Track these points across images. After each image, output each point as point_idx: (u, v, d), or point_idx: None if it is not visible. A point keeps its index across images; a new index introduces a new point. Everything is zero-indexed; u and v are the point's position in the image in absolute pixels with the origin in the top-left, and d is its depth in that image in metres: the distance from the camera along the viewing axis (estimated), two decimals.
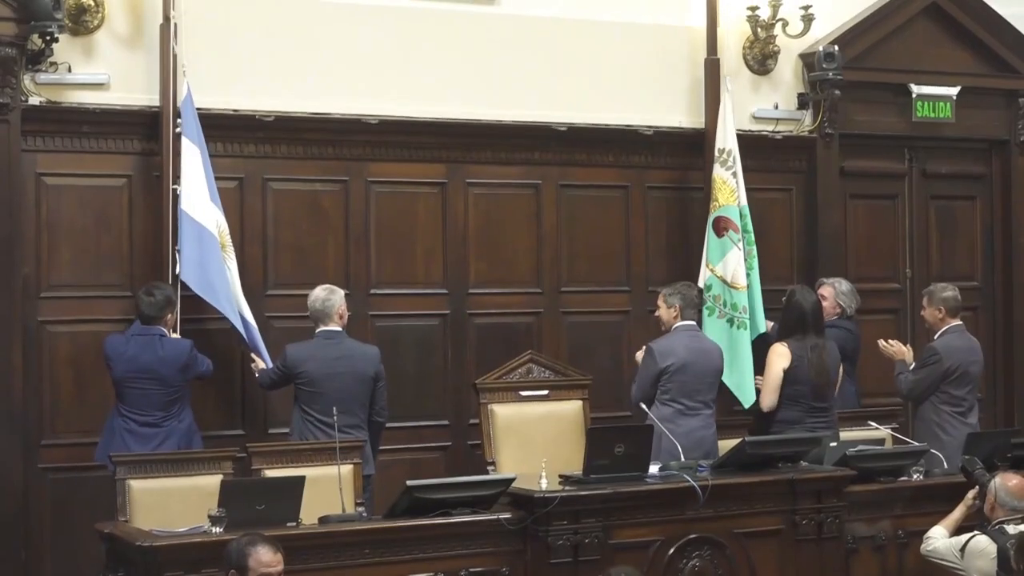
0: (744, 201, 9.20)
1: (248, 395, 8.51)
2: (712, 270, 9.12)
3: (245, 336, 7.99)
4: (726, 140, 9.21)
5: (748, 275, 9.11)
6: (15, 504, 7.89)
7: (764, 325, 9.14)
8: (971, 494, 6.92)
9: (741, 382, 8.95)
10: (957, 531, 6.90)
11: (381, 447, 8.13)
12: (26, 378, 7.99)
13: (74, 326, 8.17)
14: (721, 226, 9.12)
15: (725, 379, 8.64)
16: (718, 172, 9.18)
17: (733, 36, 9.39)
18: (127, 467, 6.87)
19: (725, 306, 9.06)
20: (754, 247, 9.23)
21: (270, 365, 7.93)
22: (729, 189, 9.16)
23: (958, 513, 6.95)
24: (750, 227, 9.21)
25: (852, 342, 8.70)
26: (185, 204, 7.91)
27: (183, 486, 6.84)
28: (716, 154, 9.21)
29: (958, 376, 8.41)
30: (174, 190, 7.95)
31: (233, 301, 7.95)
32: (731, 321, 9.05)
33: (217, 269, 7.91)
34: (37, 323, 8.08)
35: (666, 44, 9.55)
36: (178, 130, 7.95)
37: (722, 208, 9.13)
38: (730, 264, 9.09)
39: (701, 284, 9.08)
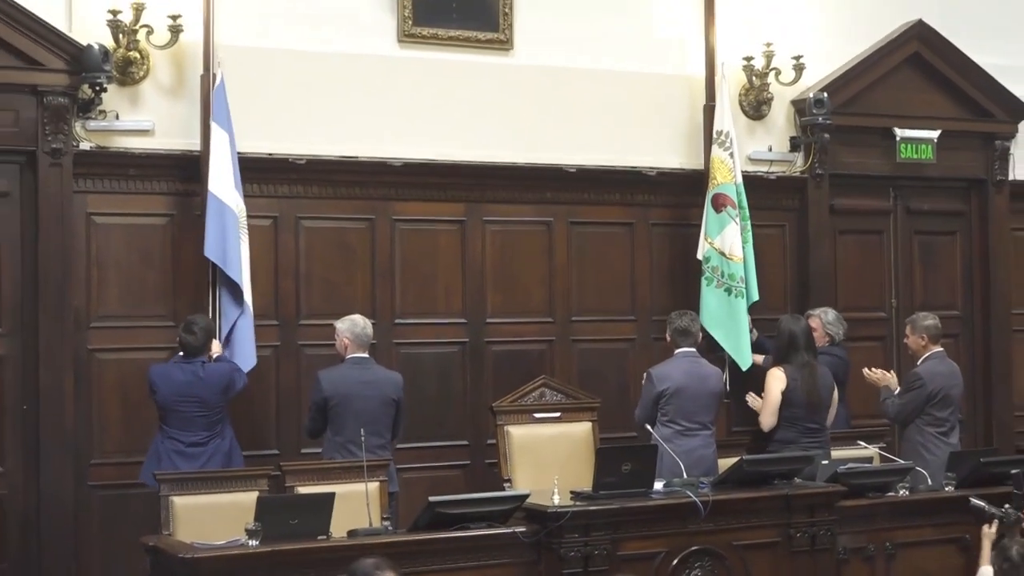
0: (740, 180, 9.23)
1: (282, 417, 8.52)
2: (711, 243, 9.13)
3: (236, 313, 7.96)
4: (723, 122, 9.23)
5: (744, 248, 9.14)
6: (67, 519, 7.89)
7: (757, 294, 9.18)
8: (987, 528, 6.84)
9: (738, 347, 9.05)
10: None
11: (405, 466, 8.13)
12: (77, 402, 7.99)
13: (121, 354, 8.18)
14: (719, 202, 9.14)
15: (723, 343, 8.90)
16: (716, 152, 9.19)
17: (730, 84, 9.38)
18: (170, 485, 6.86)
19: (723, 276, 9.08)
20: (749, 222, 9.24)
21: (248, 362, 7.90)
22: (727, 168, 9.18)
23: (985, 547, 6.84)
24: (745, 203, 9.23)
25: (842, 368, 8.68)
26: (212, 184, 7.94)
27: (222, 502, 6.83)
28: (715, 136, 9.22)
29: (940, 399, 8.40)
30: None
31: (243, 274, 7.95)
32: (729, 290, 9.08)
33: (234, 245, 7.93)
34: (87, 351, 8.09)
35: (667, 92, 9.57)
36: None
37: (720, 186, 9.15)
38: (727, 237, 9.11)
39: (700, 256, 9.16)
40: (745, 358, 8.99)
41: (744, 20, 9.51)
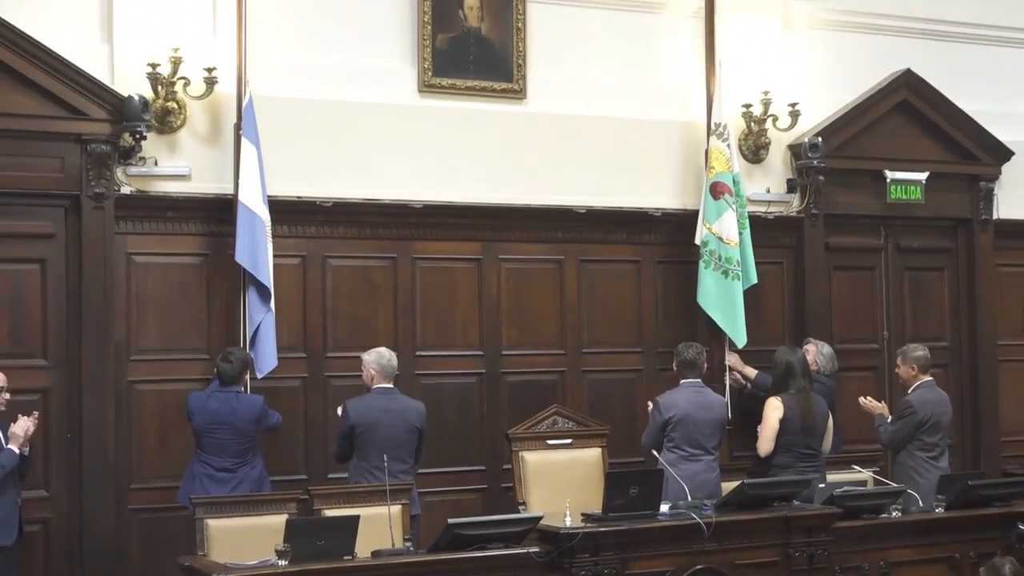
0: (737, 168, 9.23)
1: (310, 445, 8.51)
2: (709, 228, 9.12)
3: (262, 314, 7.96)
4: (721, 115, 9.22)
5: (740, 233, 9.14)
6: (108, 541, 7.89)
7: (755, 277, 9.21)
8: None
9: (735, 326, 9.07)
10: None
11: (426, 489, 8.12)
12: (118, 430, 8.00)
13: (159, 385, 8.19)
14: (718, 190, 9.12)
15: (720, 324, 8.98)
16: (714, 143, 9.18)
17: (730, 130, 9.38)
18: (205, 508, 6.86)
19: (720, 260, 9.08)
20: (745, 209, 9.26)
21: (270, 362, 7.91)
22: (724, 158, 9.17)
23: None
24: (742, 192, 9.23)
25: (829, 396, 8.62)
26: (242, 195, 7.94)
27: (254, 524, 6.82)
28: (712, 127, 9.22)
29: (930, 426, 8.37)
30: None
31: (270, 278, 7.95)
32: (726, 273, 9.08)
33: (262, 251, 7.93)
34: (127, 383, 8.11)
35: (671, 137, 9.58)
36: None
37: (719, 174, 9.13)
38: (725, 223, 9.10)
39: (698, 241, 9.17)
40: (741, 336, 9.04)
41: (743, 70, 9.52)
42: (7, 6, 7.78)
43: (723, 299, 9.06)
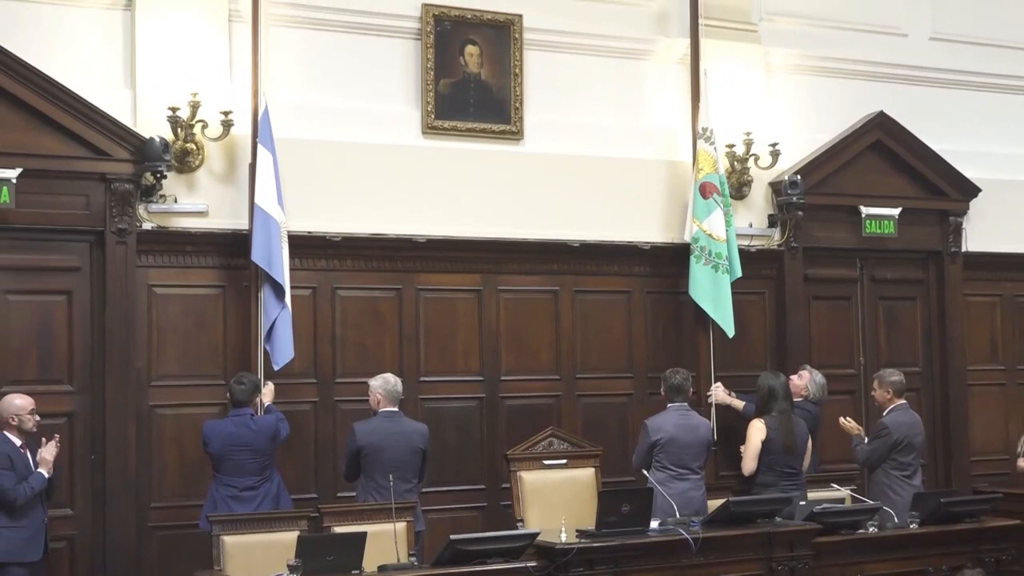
0: (722, 170, 9.26)
1: (320, 465, 8.49)
2: (699, 225, 9.14)
3: (277, 310, 7.96)
4: (708, 120, 9.24)
5: (727, 230, 9.17)
6: (130, 556, 7.87)
7: (740, 271, 9.22)
8: None
9: (724, 316, 9.11)
10: None
11: (429, 507, 8.11)
12: (139, 452, 7.99)
13: (178, 409, 8.17)
14: (707, 190, 9.15)
15: (711, 314, 9.03)
16: (702, 146, 9.20)
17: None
18: (221, 525, 6.87)
19: (710, 255, 9.11)
20: (731, 208, 9.28)
21: (286, 355, 7.91)
22: (711, 160, 9.21)
23: None
24: (727, 192, 9.25)
25: (812, 421, 8.61)
26: (258, 198, 7.96)
27: (267, 541, 6.82)
28: (700, 131, 9.23)
29: (904, 446, 8.36)
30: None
31: (285, 275, 7.96)
32: (716, 267, 9.11)
33: (276, 250, 7.93)
34: (148, 407, 8.09)
35: (659, 175, 9.60)
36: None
37: (707, 175, 9.16)
38: (713, 221, 9.12)
39: (688, 238, 9.19)
40: (729, 326, 9.08)
41: (726, 113, 9.54)
42: (38, 54, 7.82)
43: (713, 291, 9.10)
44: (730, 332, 9.13)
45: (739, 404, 9.06)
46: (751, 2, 10.05)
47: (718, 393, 9.11)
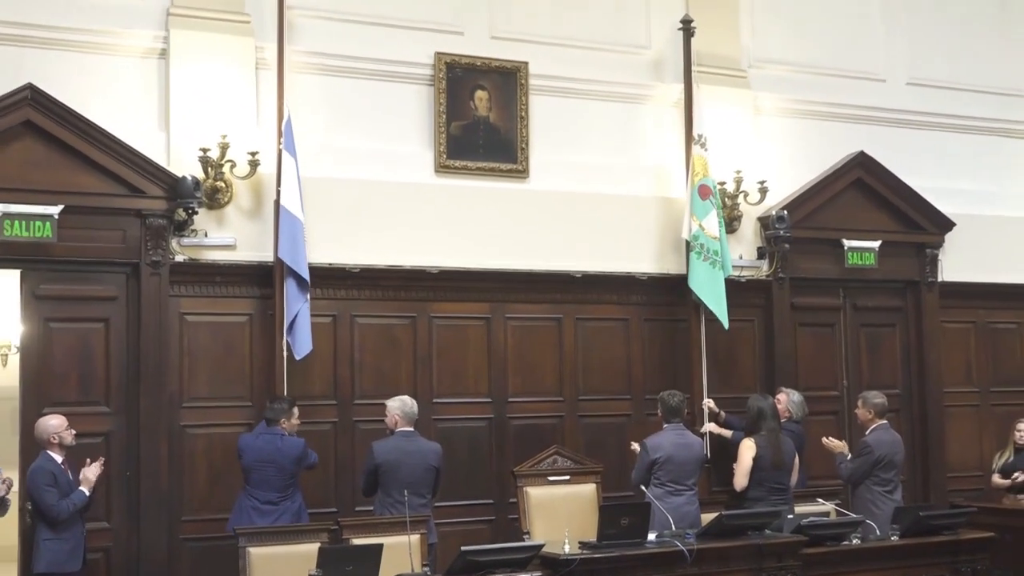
0: (712, 175, 9.27)
1: (340, 481, 8.49)
2: (700, 224, 9.16)
3: (299, 304, 7.99)
4: (702, 128, 9.29)
5: (720, 230, 9.21)
6: (163, 567, 7.87)
7: (731, 268, 9.26)
8: None
9: (720, 307, 9.14)
10: None
11: (442, 520, 8.08)
12: (171, 469, 8.00)
13: (208, 429, 8.17)
14: (704, 192, 9.19)
15: (709, 304, 9.08)
16: (697, 151, 9.25)
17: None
18: (247, 538, 6.85)
19: (708, 252, 9.13)
20: (722, 209, 9.34)
21: (305, 347, 7.93)
22: (706, 164, 9.24)
23: None
24: (718, 193, 9.27)
25: (797, 440, 8.58)
26: (283, 200, 7.98)
27: (290, 552, 6.79)
28: (695, 139, 9.27)
29: (886, 463, 8.32)
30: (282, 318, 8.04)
31: (307, 271, 7.99)
32: (713, 263, 9.13)
33: (300, 248, 7.96)
34: (179, 427, 8.10)
35: (655, 211, 9.62)
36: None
37: (704, 179, 9.19)
38: (710, 220, 9.17)
39: (687, 236, 9.22)
40: (724, 317, 9.11)
41: (718, 152, 9.54)
42: (80, 99, 7.87)
43: (711, 285, 9.13)
44: (725, 323, 9.15)
45: (728, 434, 9.03)
46: (740, 50, 10.11)
47: (710, 427, 9.08)
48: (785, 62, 10.35)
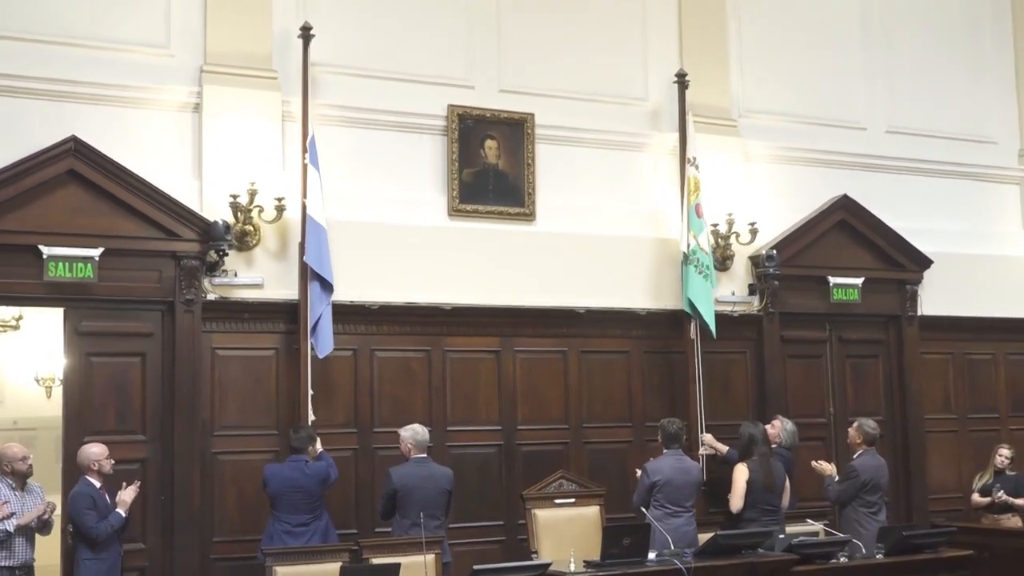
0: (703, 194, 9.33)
1: (360, 504, 8.46)
2: (696, 239, 9.18)
3: (323, 305, 7.99)
4: (694, 151, 9.28)
5: (709, 245, 9.29)
6: None
7: (715, 282, 9.34)
8: None
9: (710, 315, 9.15)
10: None
11: (455, 541, 8.05)
12: (203, 493, 7.98)
13: (237, 456, 8.16)
14: (700, 211, 9.22)
15: (702, 313, 9.07)
16: (691, 172, 9.24)
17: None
18: (274, 557, 6.85)
19: (701, 264, 9.15)
20: (709, 226, 9.40)
21: (327, 346, 7.93)
22: (699, 183, 9.26)
23: None
24: (704, 213, 9.29)
25: (787, 465, 8.53)
26: (310, 210, 8.01)
27: (314, 571, 6.82)
28: (689, 160, 9.27)
29: (871, 486, 8.29)
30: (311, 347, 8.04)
31: (331, 274, 8.01)
32: (705, 276, 9.16)
33: (325, 253, 7.98)
34: (211, 454, 8.10)
35: (653, 251, 9.62)
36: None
37: (698, 197, 9.21)
38: (703, 237, 9.20)
39: (685, 249, 9.21)
40: (712, 325, 9.13)
41: (711, 196, 9.56)
42: (119, 149, 7.92)
43: (704, 296, 9.16)
44: (713, 333, 9.16)
45: (723, 448, 9.01)
46: (731, 101, 10.15)
47: (706, 437, 9.05)
48: (772, 112, 10.39)
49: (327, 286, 8.02)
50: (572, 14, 9.69)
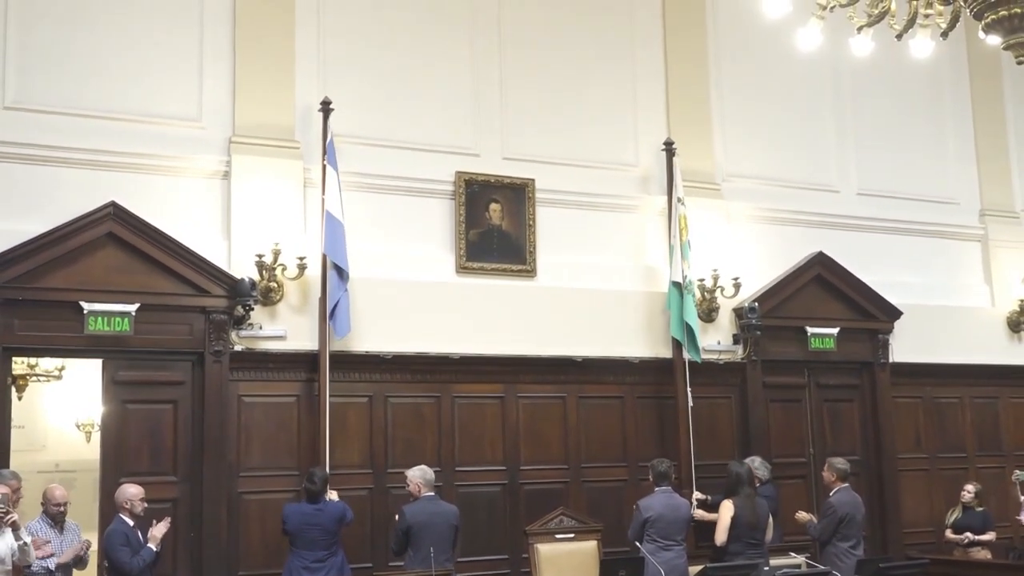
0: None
1: (375, 540, 8.39)
2: (687, 270, 9.19)
3: (339, 292, 7.98)
4: (678, 192, 9.31)
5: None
6: None
7: (695, 311, 9.26)
8: None
9: (694, 337, 9.16)
10: None
11: (463, 574, 7.97)
12: (230, 530, 7.94)
13: (262, 495, 8.11)
14: (691, 244, 9.27)
15: (696, 336, 9.09)
16: (680, 209, 9.26)
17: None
18: None
19: (690, 287, 9.18)
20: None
21: (345, 329, 7.93)
22: (687, 220, 9.28)
23: None
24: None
25: (773, 504, 8.46)
26: (328, 206, 8.02)
27: None
28: (676, 200, 9.29)
29: (848, 521, 8.20)
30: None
31: (347, 263, 8.03)
32: (692, 295, 9.20)
33: (342, 245, 8.00)
34: (237, 493, 8.06)
35: (644, 304, 9.61)
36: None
37: (689, 233, 9.25)
38: (693, 267, 9.26)
39: (680, 278, 9.19)
40: (698, 350, 9.13)
41: (698, 254, 9.58)
42: (155, 213, 7.97)
43: (693, 319, 9.15)
44: (699, 358, 9.15)
45: (713, 518, 8.81)
46: (715, 167, 10.19)
47: (698, 512, 8.80)
48: (753, 176, 10.43)
49: (343, 275, 8.04)
50: (569, 89, 9.75)
